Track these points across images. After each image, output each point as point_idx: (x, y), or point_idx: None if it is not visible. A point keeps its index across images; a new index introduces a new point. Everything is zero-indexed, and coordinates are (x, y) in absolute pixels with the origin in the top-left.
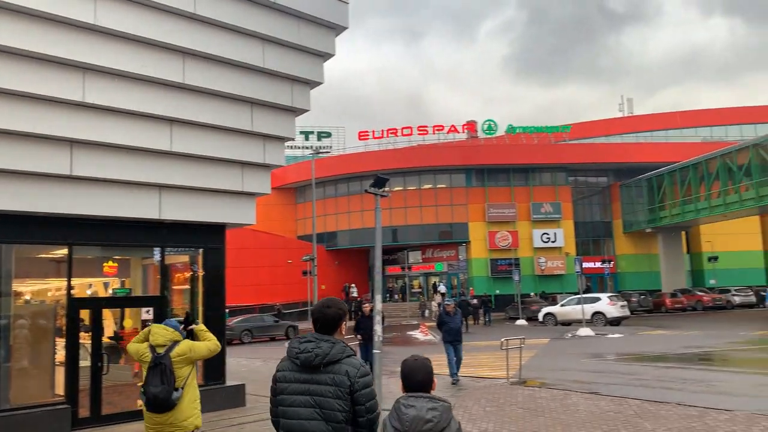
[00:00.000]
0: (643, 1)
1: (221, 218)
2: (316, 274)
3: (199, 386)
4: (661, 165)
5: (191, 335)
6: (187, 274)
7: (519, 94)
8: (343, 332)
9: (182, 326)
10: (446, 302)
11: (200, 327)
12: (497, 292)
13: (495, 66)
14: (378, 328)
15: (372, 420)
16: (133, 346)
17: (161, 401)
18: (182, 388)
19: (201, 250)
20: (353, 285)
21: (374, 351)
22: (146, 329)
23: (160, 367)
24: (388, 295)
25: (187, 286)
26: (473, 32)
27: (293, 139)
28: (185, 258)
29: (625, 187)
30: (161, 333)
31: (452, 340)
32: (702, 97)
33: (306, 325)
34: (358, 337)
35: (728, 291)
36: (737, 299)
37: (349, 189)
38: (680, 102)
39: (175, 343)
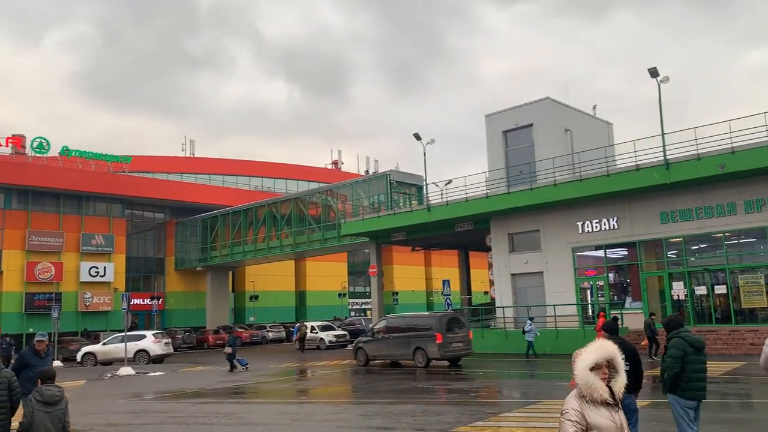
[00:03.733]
0: (219, 50)
1: None
2: None
3: None
4: (216, 207)
5: None
6: None
7: (84, 117)
8: None
9: None
10: (39, 337)
11: None
12: (31, 330)
13: (60, 81)
14: None
15: (19, 399)
16: None
17: None
18: None
19: None
20: None
21: None
22: None
23: None
24: None
25: None
26: (37, 37)
27: None
28: None
29: (181, 225)
30: None
31: None
32: (260, 149)
33: None
34: None
35: (264, 327)
36: (271, 335)
37: None
38: (241, 150)
39: None
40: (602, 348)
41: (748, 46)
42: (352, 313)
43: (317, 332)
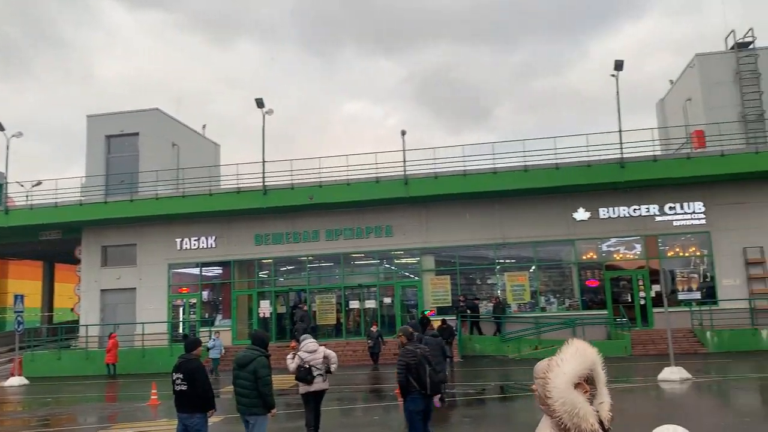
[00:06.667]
0: None
1: None
2: None
3: None
4: None
5: None
6: None
7: None
8: None
9: None
10: None
11: None
12: None
13: None
14: None
15: None
16: None
17: None
18: None
19: None
20: None
21: None
22: None
23: None
24: None
25: None
26: None
27: None
28: None
29: None
30: None
31: None
32: None
33: None
34: None
35: None
36: None
37: None
38: None
39: None
40: (583, 353)
41: (346, 98)
42: None
43: None
